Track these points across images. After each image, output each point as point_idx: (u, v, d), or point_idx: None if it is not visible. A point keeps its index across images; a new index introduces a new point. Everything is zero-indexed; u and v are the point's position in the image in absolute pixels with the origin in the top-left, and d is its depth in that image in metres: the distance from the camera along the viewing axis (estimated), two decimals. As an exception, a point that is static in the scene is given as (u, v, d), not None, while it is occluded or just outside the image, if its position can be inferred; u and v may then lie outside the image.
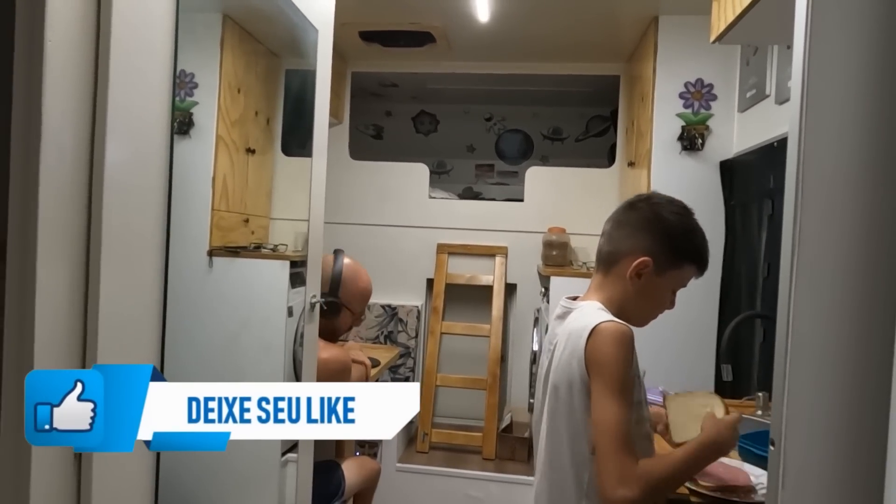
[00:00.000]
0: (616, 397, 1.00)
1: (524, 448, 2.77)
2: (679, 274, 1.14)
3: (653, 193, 1.21)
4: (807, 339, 0.60)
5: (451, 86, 3.59)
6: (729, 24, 1.38)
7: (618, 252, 1.14)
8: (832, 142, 0.59)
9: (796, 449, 0.58)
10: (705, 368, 2.21)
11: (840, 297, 0.59)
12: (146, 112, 0.83)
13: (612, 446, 0.98)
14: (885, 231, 0.58)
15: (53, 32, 0.65)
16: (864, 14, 0.59)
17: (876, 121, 0.58)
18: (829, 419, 0.59)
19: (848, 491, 0.58)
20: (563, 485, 1.08)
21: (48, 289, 0.67)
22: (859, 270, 0.59)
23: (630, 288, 1.12)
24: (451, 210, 3.20)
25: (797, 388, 0.59)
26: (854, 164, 0.59)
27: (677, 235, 1.12)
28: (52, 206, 0.67)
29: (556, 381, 1.08)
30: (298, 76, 1.98)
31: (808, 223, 0.59)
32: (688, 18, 2.26)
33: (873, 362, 0.58)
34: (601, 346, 1.01)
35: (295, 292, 1.72)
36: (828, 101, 0.59)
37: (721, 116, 2.31)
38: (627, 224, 1.15)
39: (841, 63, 0.59)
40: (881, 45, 0.58)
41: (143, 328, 0.83)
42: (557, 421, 1.08)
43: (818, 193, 0.60)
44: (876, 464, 0.55)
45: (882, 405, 0.55)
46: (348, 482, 1.91)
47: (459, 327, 3.04)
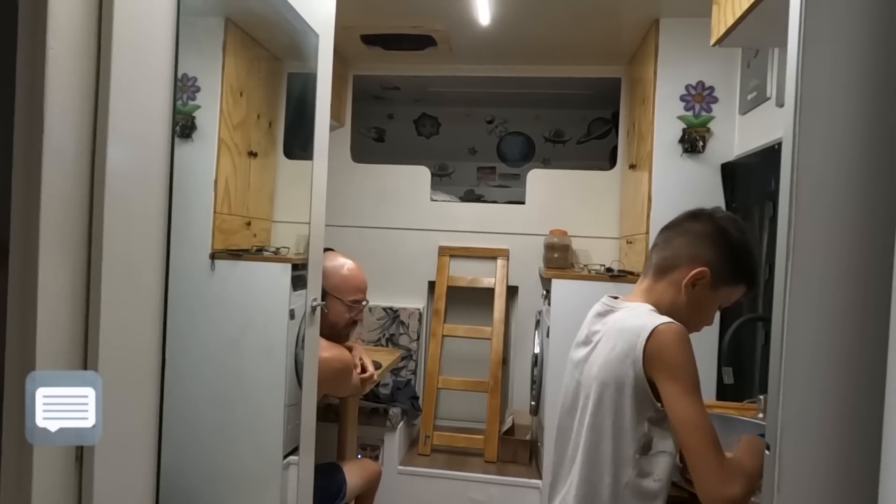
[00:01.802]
0: (695, 395, 1.00)
1: (526, 451, 2.76)
2: (731, 291, 1.15)
3: (717, 208, 1.21)
4: (801, 346, 0.60)
5: (452, 88, 3.60)
6: (728, 27, 1.39)
7: (676, 258, 1.14)
8: (826, 146, 0.60)
9: (791, 454, 0.59)
10: (707, 371, 2.21)
11: (834, 303, 0.59)
12: (148, 116, 0.83)
13: (706, 445, 0.97)
14: (880, 236, 0.58)
15: (55, 39, 0.66)
16: (857, 20, 0.59)
17: (869, 125, 0.59)
18: (823, 425, 0.59)
19: (842, 495, 0.58)
20: (599, 481, 1.07)
21: (50, 291, 0.68)
22: (854, 276, 0.59)
23: (682, 296, 1.13)
24: (453, 212, 3.21)
25: (792, 394, 0.59)
26: (848, 168, 0.59)
27: (739, 254, 1.13)
28: (53, 209, 0.68)
29: (605, 379, 1.07)
30: (300, 79, 1.98)
31: (803, 228, 0.60)
32: (688, 21, 2.26)
33: (867, 368, 0.58)
34: (669, 347, 1.01)
35: (297, 295, 1.72)
36: (822, 106, 0.59)
37: (722, 119, 2.31)
38: (691, 233, 1.15)
39: (834, 68, 0.60)
40: (874, 51, 0.59)
41: (144, 331, 0.84)
42: (602, 417, 1.07)
43: (812, 198, 0.60)
44: (870, 469, 0.55)
45: (876, 411, 0.56)
46: (350, 484, 1.91)
47: (461, 330, 3.04)
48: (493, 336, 2.95)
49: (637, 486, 1.04)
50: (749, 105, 2.16)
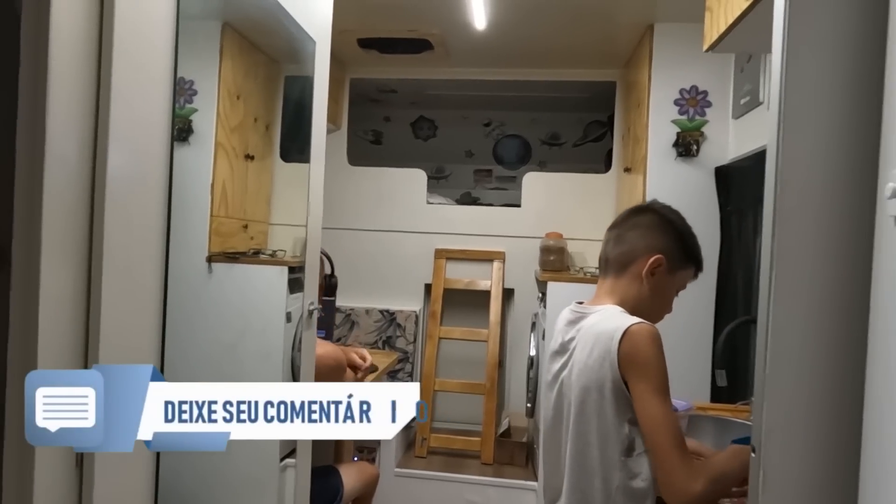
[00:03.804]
0: (662, 396, 1.03)
1: (522, 452, 2.77)
2: (685, 274, 1.21)
3: (654, 201, 1.27)
4: (785, 349, 0.61)
5: (449, 92, 3.61)
6: (721, 33, 1.40)
7: (633, 251, 1.18)
8: (810, 151, 0.61)
9: (776, 455, 0.60)
10: (701, 374, 2.22)
11: (818, 307, 0.61)
12: (148, 120, 0.84)
13: (671, 443, 1.00)
14: (862, 240, 0.59)
15: (57, 47, 0.67)
16: (841, 28, 0.61)
17: (852, 131, 0.60)
18: (806, 426, 0.60)
19: (825, 495, 0.59)
20: (589, 487, 1.08)
21: (51, 294, 0.69)
22: (837, 279, 0.60)
23: (644, 287, 1.16)
24: (450, 215, 3.22)
25: (776, 396, 0.61)
26: (833, 172, 0.61)
27: (686, 238, 1.20)
28: (55, 212, 0.69)
29: (586, 384, 1.09)
30: (297, 83, 1.99)
31: (787, 232, 0.61)
32: (683, 26, 2.28)
33: (850, 371, 0.59)
34: (640, 348, 1.04)
35: (293, 298, 1.73)
36: (805, 112, 0.61)
37: (716, 123, 2.33)
38: (641, 225, 1.20)
39: (818, 75, 0.61)
40: (857, 57, 0.60)
41: (144, 333, 0.85)
42: (586, 424, 1.09)
43: (796, 202, 0.61)
44: (851, 468, 0.57)
45: (856, 412, 0.57)
46: (346, 487, 1.91)
47: (457, 332, 3.05)
48: (489, 338, 2.96)
49: (627, 488, 1.06)
50: (742, 109, 2.18)
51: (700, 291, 2.16)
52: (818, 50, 0.61)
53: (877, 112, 0.58)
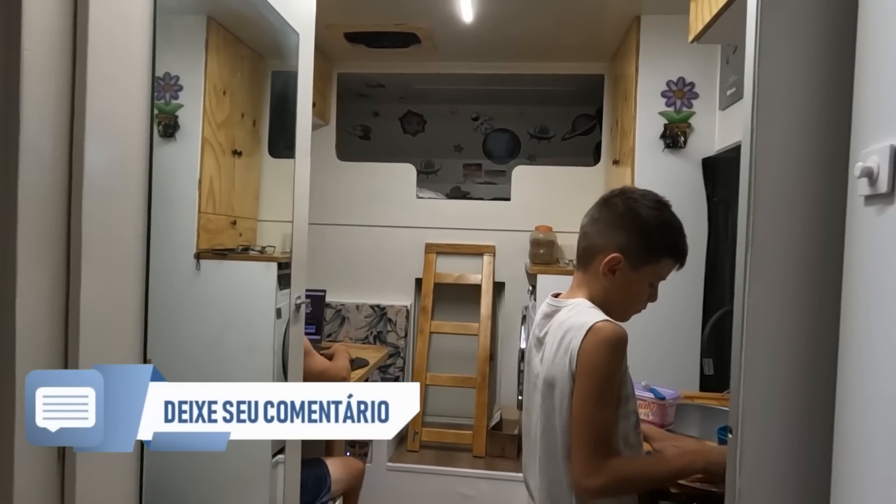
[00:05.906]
0: (597, 401, 1.02)
1: (514, 445, 2.79)
2: (657, 268, 1.14)
3: (626, 188, 1.21)
4: (760, 335, 0.62)
5: (437, 86, 3.60)
6: (706, 24, 1.41)
7: (593, 248, 1.16)
8: (783, 143, 0.62)
9: (752, 437, 0.61)
10: (690, 363, 2.24)
11: (790, 295, 0.62)
12: (125, 115, 0.84)
13: (584, 440, 1.02)
14: (834, 230, 0.60)
15: (30, 39, 0.66)
16: (812, 21, 0.61)
17: (824, 122, 0.61)
18: (781, 409, 0.61)
19: (801, 475, 0.60)
20: (559, 478, 1.09)
21: (28, 292, 0.68)
22: (810, 268, 0.61)
23: (606, 284, 1.14)
24: (439, 210, 3.22)
25: (751, 380, 0.61)
26: (806, 163, 0.61)
27: (651, 230, 1.13)
28: (31, 209, 0.68)
29: (551, 377, 1.09)
30: (284, 78, 1.98)
31: (761, 222, 0.62)
32: (669, 18, 2.28)
33: (821, 355, 0.60)
34: (593, 347, 1.03)
35: (283, 294, 1.72)
36: (778, 104, 0.61)
37: (702, 114, 2.34)
38: (601, 221, 1.16)
39: (790, 67, 0.61)
40: (829, 50, 0.61)
41: (125, 330, 0.84)
42: (551, 416, 1.09)
43: (770, 193, 0.62)
44: (825, 451, 0.58)
45: (829, 394, 0.58)
46: (333, 477, 1.93)
47: (448, 326, 3.06)
48: (480, 332, 2.97)
49: None
50: (728, 101, 2.19)
51: (688, 281, 2.18)
52: (790, 42, 0.61)
53: (847, 101, 0.58)
